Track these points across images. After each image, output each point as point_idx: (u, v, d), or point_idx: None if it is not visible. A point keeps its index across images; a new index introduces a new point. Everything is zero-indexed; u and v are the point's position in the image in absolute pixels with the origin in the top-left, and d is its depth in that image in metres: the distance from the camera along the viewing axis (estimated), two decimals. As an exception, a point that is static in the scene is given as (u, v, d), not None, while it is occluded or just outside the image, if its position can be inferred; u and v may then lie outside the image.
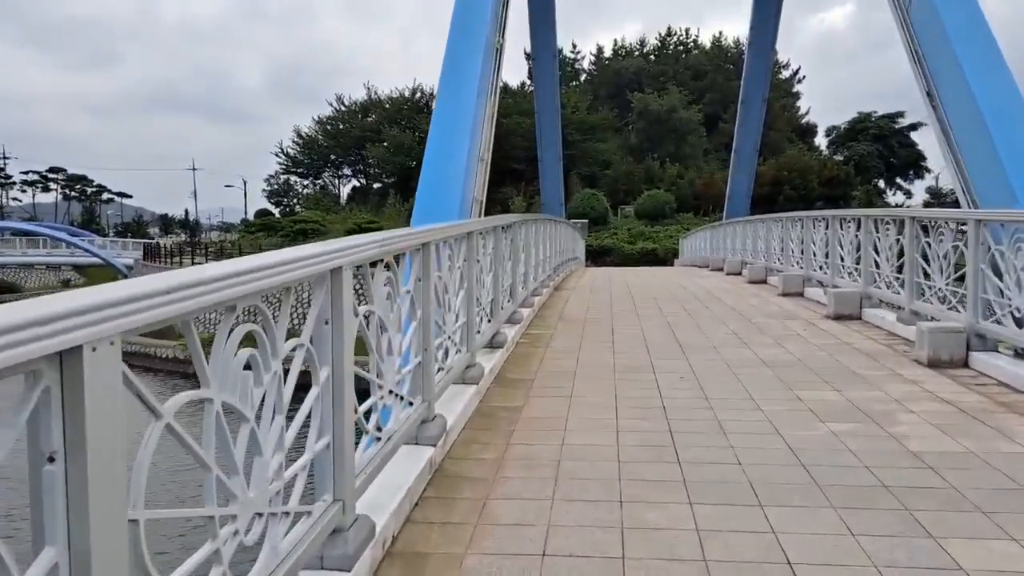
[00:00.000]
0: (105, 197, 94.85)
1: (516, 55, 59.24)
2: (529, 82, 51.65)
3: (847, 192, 51.13)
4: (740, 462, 4.14)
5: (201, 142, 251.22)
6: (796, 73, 69.00)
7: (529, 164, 44.10)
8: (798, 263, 13.33)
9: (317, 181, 67.49)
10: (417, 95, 60.47)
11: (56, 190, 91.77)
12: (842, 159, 57.56)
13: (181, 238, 76.22)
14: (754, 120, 31.34)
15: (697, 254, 26.91)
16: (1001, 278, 6.39)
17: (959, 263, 7.13)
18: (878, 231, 9.23)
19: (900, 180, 65.41)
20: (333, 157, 64.80)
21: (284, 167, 66.48)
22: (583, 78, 72.87)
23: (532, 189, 45.12)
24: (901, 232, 8.49)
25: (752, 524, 3.34)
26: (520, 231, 9.12)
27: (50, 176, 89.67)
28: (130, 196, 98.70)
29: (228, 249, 46.31)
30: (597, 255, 38.50)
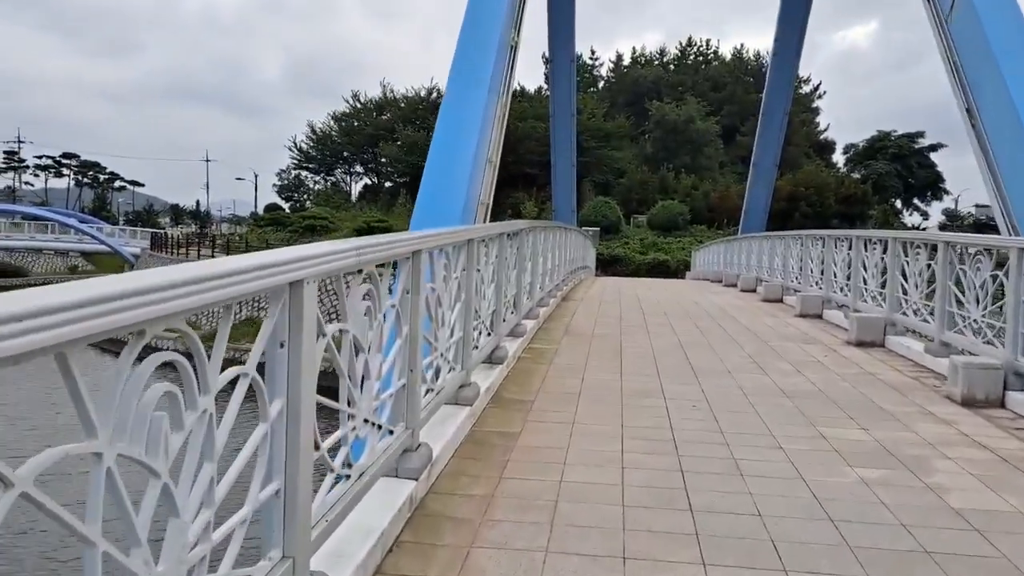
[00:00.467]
0: (117, 185, 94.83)
1: (534, 58, 58.91)
2: (546, 86, 51.20)
3: (864, 211, 50.43)
4: (760, 513, 3.67)
5: (216, 134, 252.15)
6: (816, 88, 68.35)
7: (542, 169, 43.65)
8: (817, 283, 12.82)
9: (329, 177, 67.25)
10: (433, 95, 60.08)
11: (69, 176, 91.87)
12: (859, 177, 56.84)
13: (191, 229, 76.11)
14: (774, 133, 30.70)
15: (710, 268, 26.38)
16: (1045, 312, 5.90)
17: (997, 294, 6.63)
18: (907, 255, 8.73)
19: (917, 201, 64.73)
20: (346, 154, 64.55)
21: (296, 162, 66.29)
22: (601, 85, 72.43)
23: (544, 194, 44.65)
24: (932, 257, 8.00)
25: (776, 596, 2.87)
26: (527, 239, 8.67)
27: (63, 161, 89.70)
28: (142, 185, 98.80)
29: (235, 242, 46.03)
30: (608, 264, 38.01)
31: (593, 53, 72.89)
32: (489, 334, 6.22)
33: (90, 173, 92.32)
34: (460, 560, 3.08)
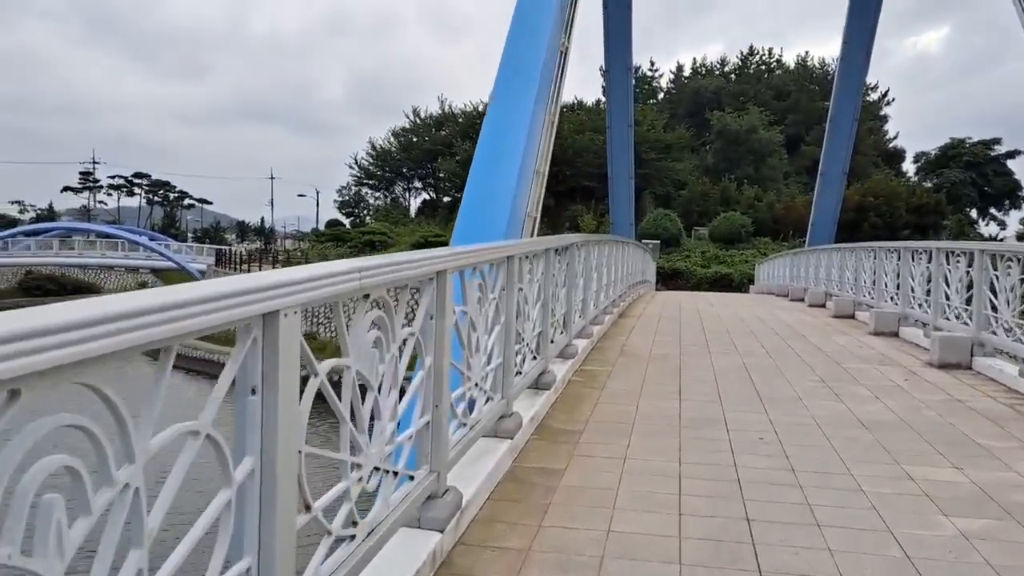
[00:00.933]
0: (186, 203, 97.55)
1: (592, 70, 58.49)
2: (604, 99, 50.66)
3: (937, 221, 48.34)
4: (842, 576, 3.12)
5: (282, 152, 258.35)
6: (885, 95, 66.15)
7: (601, 182, 43.05)
8: (892, 299, 12.00)
9: (388, 193, 67.82)
10: (491, 109, 60.10)
11: (140, 195, 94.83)
12: (932, 186, 54.65)
13: (257, 245, 77.58)
14: (843, 140, 29.40)
15: (775, 281, 25.42)
16: None
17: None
18: (996, 268, 7.97)
19: (994, 210, 62.00)
20: (405, 169, 64.96)
21: (357, 178, 67.05)
22: (660, 97, 71.49)
23: (603, 207, 43.99)
24: (1027, 271, 7.25)
25: None
26: (579, 253, 8.19)
27: (135, 181, 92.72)
28: (210, 203, 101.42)
29: (296, 258, 46.63)
30: (668, 278, 37.17)
31: (653, 65, 72.07)
32: (535, 357, 5.77)
33: (160, 192, 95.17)
34: (485, 633, 2.63)
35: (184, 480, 1.61)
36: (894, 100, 68.00)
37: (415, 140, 63.31)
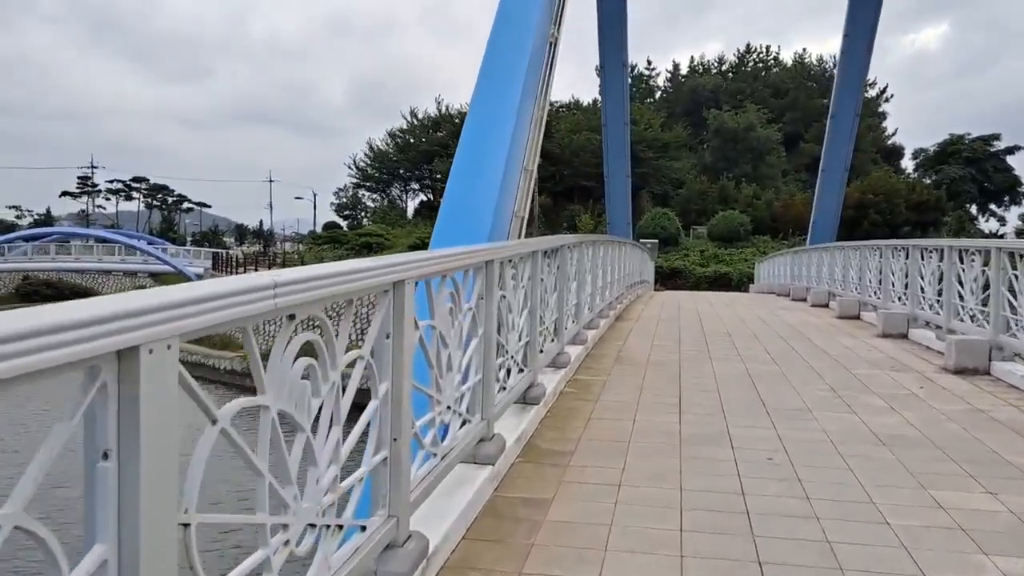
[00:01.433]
0: (185, 206, 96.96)
1: (589, 70, 58.07)
2: (600, 98, 50.19)
3: (937, 218, 47.90)
4: (873, 636, 2.65)
5: (282, 155, 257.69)
6: (883, 92, 65.68)
7: (599, 182, 42.58)
8: (900, 299, 11.53)
9: (385, 195, 67.39)
10: (487, 110, 59.69)
11: (139, 199, 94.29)
12: (931, 183, 54.20)
13: (256, 248, 77.08)
14: (844, 136, 28.75)
15: (775, 281, 24.95)
16: None
17: None
18: (1015, 268, 7.50)
19: (994, 206, 61.60)
20: (402, 171, 64.56)
21: (355, 180, 66.66)
22: (658, 95, 71.07)
23: (601, 207, 43.52)
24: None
25: None
26: (571, 256, 7.72)
27: (133, 185, 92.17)
28: (209, 206, 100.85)
29: (292, 261, 46.19)
30: (667, 277, 36.71)
31: (650, 64, 71.70)
32: (521, 370, 5.29)
33: (159, 196, 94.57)
34: None
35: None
36: (892, 97, 67.60)
37: (412, 141, 62.93)
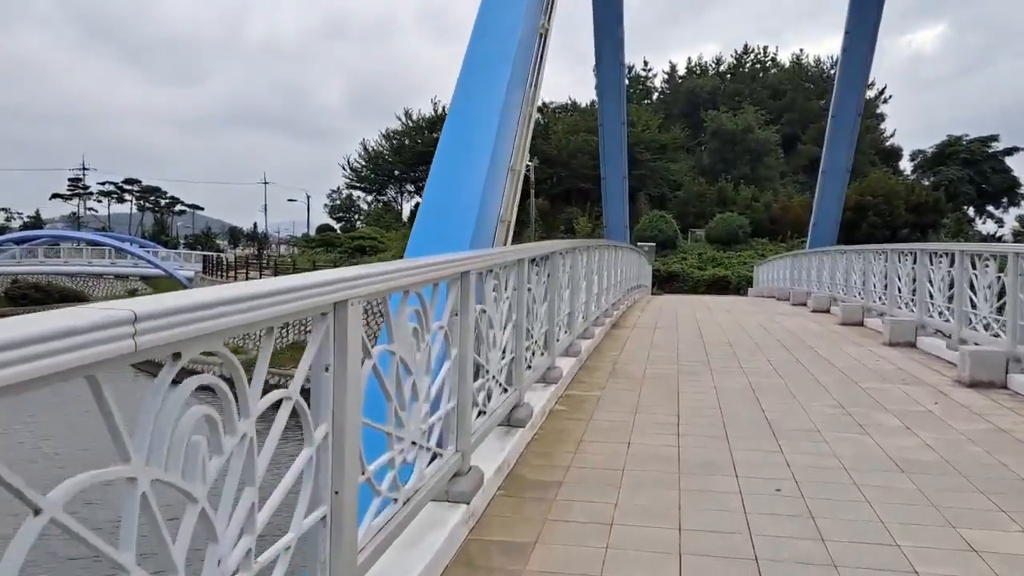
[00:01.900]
0: (178, 209, 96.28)
1: (586, 71, 57.62)
2: (598, 97, 49.72)
3: (936, 220, 47.54)
4: None
5: (278, 157, 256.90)
6: (882, 93, 65.31)
7: (596, 184, 42.09)
8: (907, 305, 11.09)
9: (381, 197, 66.87)
10: (482, 111, 59.12)
11: (131, 201, 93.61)
12: (929, 184, 53.85)
13: (250, 251, 76.54)
14: (845, 136, 28.10)
15: (775, 284, 24.49)
16: None
17: None
18: (1034, 274, 7.06)
19: (991, 208, 61.24)
20: (397, 172, 64.05)
21: (349, 182, 66.10)
22: (655, 97, 70.66)
23: (599, 210, 43.04)
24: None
25: None
26: (563, 262, 7.26)
27: (125, 187, 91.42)
28: (202, 208, 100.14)
29: (285, 264, 45.69)
30: (665, 281, 36.23)
31: (647, 65, 71.25)
32: (505, 390, 4.82)
33: (151, 198, 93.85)
34: None
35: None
36: (891, 98, 67.27)
37: (407, 143, 62.40)
